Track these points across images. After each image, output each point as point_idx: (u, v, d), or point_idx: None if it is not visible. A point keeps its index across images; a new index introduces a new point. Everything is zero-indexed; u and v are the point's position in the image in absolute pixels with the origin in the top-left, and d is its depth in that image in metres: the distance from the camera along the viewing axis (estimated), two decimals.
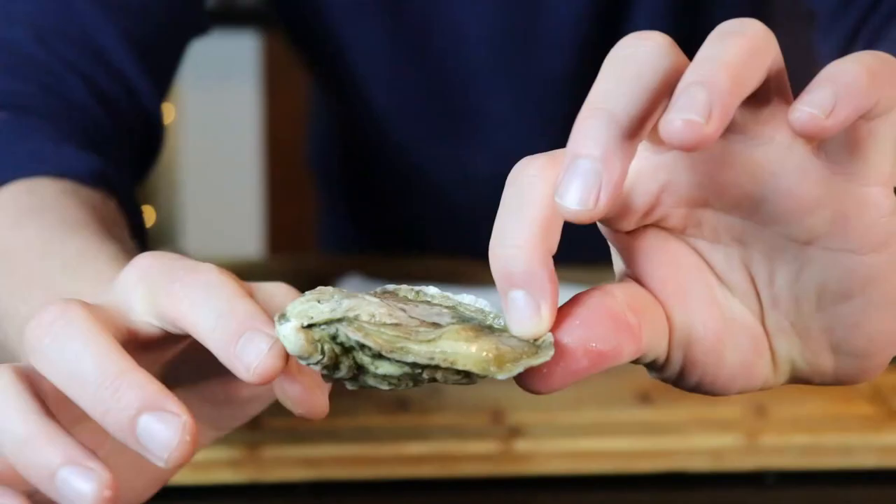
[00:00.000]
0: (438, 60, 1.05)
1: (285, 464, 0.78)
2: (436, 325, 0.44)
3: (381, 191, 1.16)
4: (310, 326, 0.43)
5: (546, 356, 0.43)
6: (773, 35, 0.41)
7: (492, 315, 0.46)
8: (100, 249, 0.62)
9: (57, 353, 0.45)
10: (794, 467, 0.80)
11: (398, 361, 0.42)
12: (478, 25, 1.02)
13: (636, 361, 0.46)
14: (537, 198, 0.42)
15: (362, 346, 0.42)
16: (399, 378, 0.43)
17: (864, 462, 0.81)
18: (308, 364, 0.43)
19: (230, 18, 2.41)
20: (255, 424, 0.81)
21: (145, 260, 0.49)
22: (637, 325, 0.44)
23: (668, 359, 0.47)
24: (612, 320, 0.44)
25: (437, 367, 0.42)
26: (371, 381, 0.43)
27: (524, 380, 0.45)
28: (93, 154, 0.72)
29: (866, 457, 0.80)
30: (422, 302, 0.46)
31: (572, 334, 0.43)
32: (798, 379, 0.48)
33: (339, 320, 0.43)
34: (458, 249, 1.08)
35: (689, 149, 0.38)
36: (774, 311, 0.46)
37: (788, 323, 0.46)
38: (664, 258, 0.46)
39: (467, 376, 0.43)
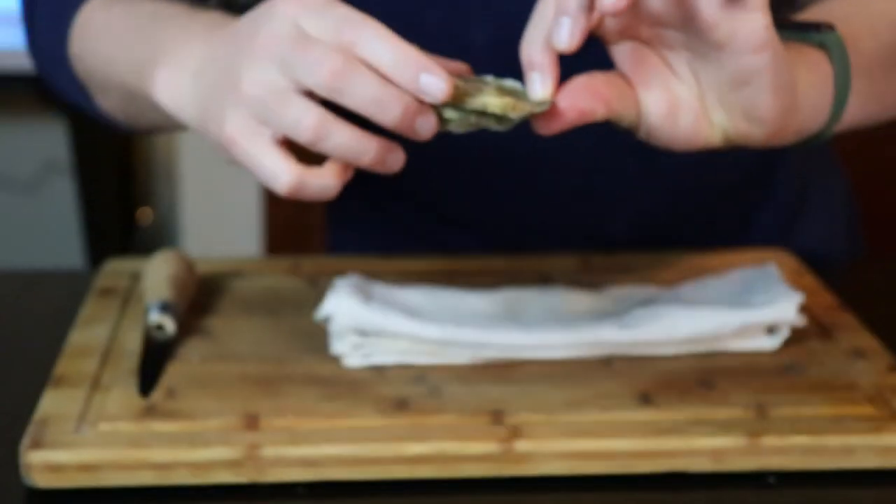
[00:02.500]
0: None
1: (284, 464, 0.78)
2: (480, 90, 0.72)
3: None
4: None
5: (545, 108, 0.71)
6: None
7: (520, 89, 0.72)
8: (172, 6, 0.86)
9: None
10: (796, 468, 0.80)
11: (460, 109, 0.72)
12: None
13: (615, 124, 0.73)
14: (547, 22, 0.69)
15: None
16: (458, 120, 0.72)
17: (866, 463, 0.80)
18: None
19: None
20: (254, 425, 0.81)
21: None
22: (608, 96, 0.71)
23: (638, 124, 0.73)
24: (590, 91, 0.71)
25: (481, 113, 0.71)
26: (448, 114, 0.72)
27: (535, 123, 0.72)
28: None
29: (868, 457, 0.80)
30: (480, 83, 0.73)
31: (564, 98, 0.71)
32: (731, 141, 0.73)
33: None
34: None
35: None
36: (708, 93, 0.72)
37: (717, 101, 0.72)
38: (636, 57, 0.72)
39: (497, 120, 0.72)
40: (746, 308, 0.91)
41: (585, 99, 0.70)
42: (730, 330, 0.90)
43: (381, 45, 0.69)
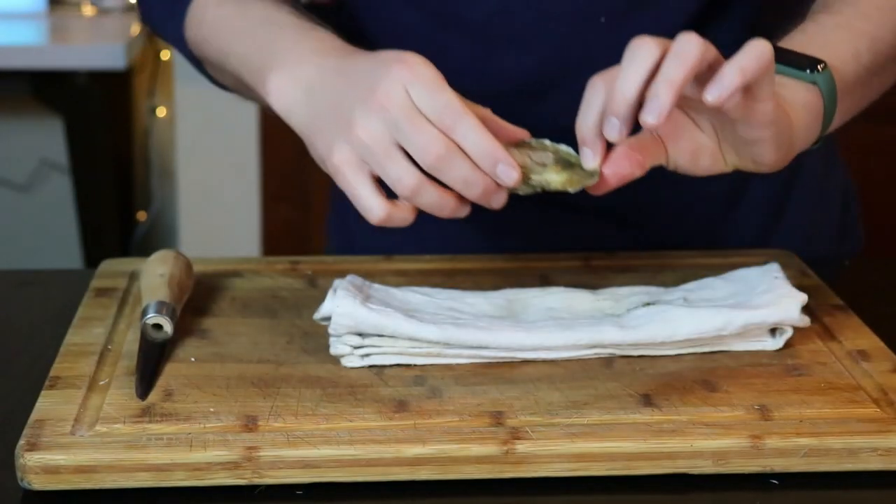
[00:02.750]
0: None
1: (283, 466, 0.78)
2: (544, 164, 0.87)
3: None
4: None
5: (595, 180, 0.86)
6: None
7: (574, 157, 0.87)
8: (279, 10, 0.98)
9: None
10: (798, 470, 0.80)
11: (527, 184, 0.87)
12: None
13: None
14: (598, 108, 0.84)
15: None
16: (531, 188, 0.87)
17: (869, 464, 0.80)
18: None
19: None
20: (252, 426, 0.80)
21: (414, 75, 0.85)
22: (642, 159, 0.86)
23: (666, 164, 0.89)
24: (628, 159, 0.85)
25: (543, 187, 0.87)
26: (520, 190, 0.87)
27: (587, 190, 0.87)
28: None
29: (871, 459, 0.80)
30: (539, 148, 0.88)
31: (608, 168, 0.85)
32: (739, 169, 0.90)
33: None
34: None
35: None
36: (723, 143, 0.88)
37: (731, 149, 0.88)
38: (669, 117, 0.81)
39: (559, 192, 0.87)
40: (749, 308, 0.91)
41: (625, 166, 0.86)
42: (732, 330, 0.90)
43: (473, 135, 0.84)
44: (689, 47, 0.80)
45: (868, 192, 1.31)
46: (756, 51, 0.81)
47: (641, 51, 0.82)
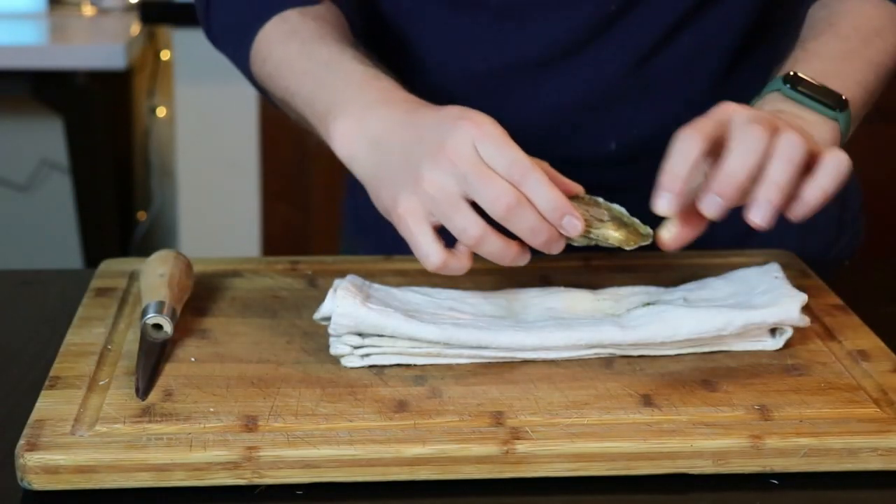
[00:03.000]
0: None
1: (283, 466, 0.78)
2: (601, 220, 0.90)
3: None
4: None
5: (649, 241, 0.89)
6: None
7: (626, 216, 0.91)
8: (342, 53, 1.00)
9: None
10: (799, 470, 0.80)
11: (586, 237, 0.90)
12: None
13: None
14: (689, 164, 0.85)
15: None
16: (589, 240, 0.90)
17: (869, 464, 0.80)
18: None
19: None
20: (252, 426, 0.80)
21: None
22: (705, 223, 0.88)
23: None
24: (695, 229, 0.88)
25: (600, 241, 0.90)
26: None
27: (642, 247, 0.90)
28: None
29: (871, 459, 0.80)
30: (593, 204, 0.91)
31: (681, 235, 0.88)
32: None
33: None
34: None
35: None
36: None
37: None
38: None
39: (614, 248, 0.90)
40: (749, 309, 0.91)
41: (690, 234, 0.89)
42: (732, 330, 0.90)
43: (541, 188, 0.87)
44: (796, 151, 0.85)
45: (869, 192, 1.31)
46: (836, 169, 0.86)
47: (752, 137, 0.85)
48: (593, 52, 1.10)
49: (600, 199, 0.92)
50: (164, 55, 2.86)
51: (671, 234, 0.88)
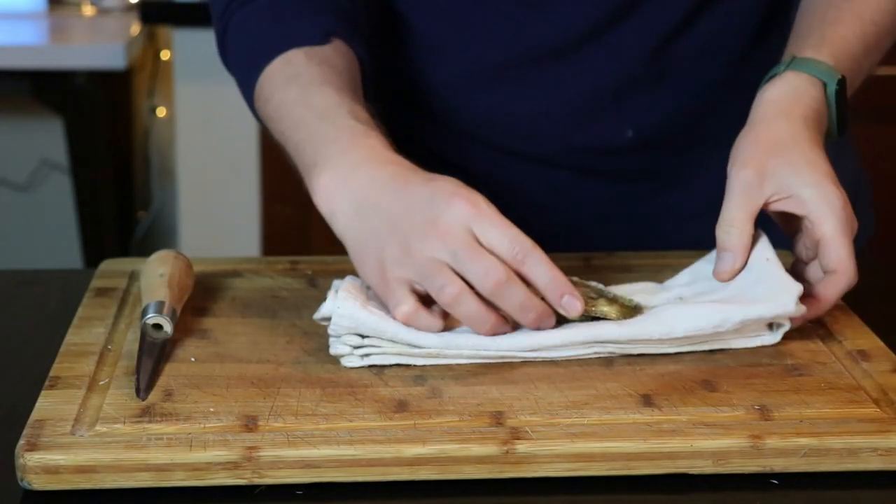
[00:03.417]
0: None
1: (283, 466, 0.78)
2: (594, 297, 0.93)
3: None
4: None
5: (639, 314, 0.93)
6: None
7: (610, 293, 0.95)
8: (339, 106, 0.98)
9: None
10: (799, 470, 0.80)
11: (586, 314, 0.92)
12: None
13: None
14: (750, 218, 0.95)
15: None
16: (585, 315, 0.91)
17: (870, 464, 0.80)
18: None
19: None
20: (252, 426, 0.80)
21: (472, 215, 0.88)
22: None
23: None
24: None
25: (596, 316, 0.92)
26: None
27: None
28: (326, 15, 1.06)
29: (871, 459, 0.80)
30: (581, 285, 0.94)
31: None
32: None
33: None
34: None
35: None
36: None
37: None
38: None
39: (607, 319, 0.92)
40: (745, 304, 0.91)
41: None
42: (730, 327, 0.90)
43: (542, 267, 0.88)
44: (850, 277, 0.93)
45: (878, 192, 1.31)
46: (847, 283, 0.93)
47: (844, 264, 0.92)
48: (613, 38, 1.10)
49: (592, 283, 0.96)
50: (164, 55, 2.86)
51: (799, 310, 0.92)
